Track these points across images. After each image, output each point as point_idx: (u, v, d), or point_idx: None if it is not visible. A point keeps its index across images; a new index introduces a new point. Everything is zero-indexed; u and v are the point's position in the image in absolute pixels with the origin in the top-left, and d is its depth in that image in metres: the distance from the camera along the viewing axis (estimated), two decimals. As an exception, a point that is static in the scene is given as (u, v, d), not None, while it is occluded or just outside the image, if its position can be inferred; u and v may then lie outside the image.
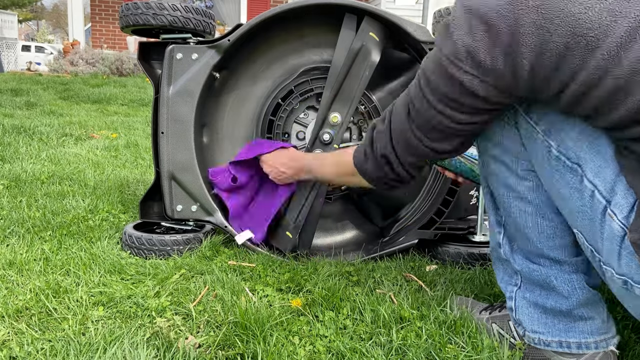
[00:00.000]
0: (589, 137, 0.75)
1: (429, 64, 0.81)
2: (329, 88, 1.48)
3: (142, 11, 1.45)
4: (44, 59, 11.14)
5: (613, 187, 0.72)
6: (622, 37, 0.63)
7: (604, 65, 0.65)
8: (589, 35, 0.64)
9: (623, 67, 0.64)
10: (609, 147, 0.74)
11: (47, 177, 2.21)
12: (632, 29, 0.63)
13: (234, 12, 10.71)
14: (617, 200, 0.72)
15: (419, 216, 1.54)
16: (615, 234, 0.72)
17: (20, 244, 1.42)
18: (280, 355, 0.92)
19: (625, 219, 0.71)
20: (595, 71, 0.66)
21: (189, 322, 1.05)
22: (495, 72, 0.72)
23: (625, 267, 0.73)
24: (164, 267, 1.33)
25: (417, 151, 0.90)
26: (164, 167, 1.52)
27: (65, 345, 0.92)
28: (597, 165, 0.74)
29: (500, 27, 0.69)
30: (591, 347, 0.88)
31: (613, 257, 0.74)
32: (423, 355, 0.93)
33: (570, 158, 0.77)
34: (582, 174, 0.76)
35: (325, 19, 1.50)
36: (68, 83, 5.97)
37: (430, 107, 0.82)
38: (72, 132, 3.39)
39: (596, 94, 0.67)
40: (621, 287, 0.75)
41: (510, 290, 0.97)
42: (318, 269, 1.33)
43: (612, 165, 0.73)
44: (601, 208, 0.74)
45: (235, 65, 1.57)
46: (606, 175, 0.73)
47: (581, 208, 0.77)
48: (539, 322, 0.92)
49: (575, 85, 0.68)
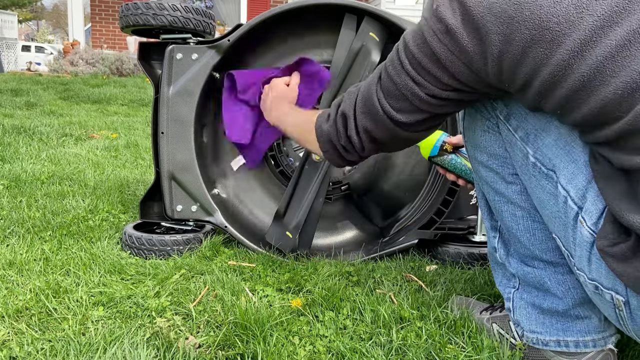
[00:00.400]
0: (564, 143, 0.77)
1: (411, 33, 0.82)
2: (329, 88, 1.48)
3: (142, 11, 1.45)
4: (44, 59, 11.14)
5: (585, 193, 0.74)
6: (587, 33, 0.63)
7: (568, 60, 0.65)
8: (555, 29, 0.65)
9: (587, 65, 0.64)
10: (583, 153, 0.75)
11: (47, 177, 2.21)
12: (598, 26, 0.63)
13: (234, 12, 10.71)
14: (588, 207, 0.73)
15: (419, 216, 1.54)
16: (585, 240, 0.74)
17: (20, 244, 1.42)
18: (280, 355, 0.92)
19: (594, 225, 0.72)
20: (559, 66, 0.66)
21: (189, 322, 1.05)
22: (468, 53, 0.73)
23: (595, 273, 0.74)
24: (164, 267, 1.33)
25: (376, 116, 0.88)
26: (164, 167, 1.52)
27: (65, 345, 0.92)
28: (570, 172, 0.76)
29: (475, 12, 0.71)
30: (589, 346, 0.88)
31: (584, 262, 0.75)
32: (423, 355, 0.93)
33: (545, 164, 0.79)
34: (557, 180, 0.77)
35: (325, 19, 1.50)
36: (68, 83, 5.97)
37: (403, 72, 0.82)
38: (72, 132, 3.39)
39: (560, 90, 0.68)
40: (593, 292, 0.77)
41: (508, 292, 0.98)
42: (318, 269, 1.33)
43: (585, 171, 0.74)
44: (573, 214, 0.75)
45: (235, 65, 1.57)
46: (579, 181, 0.75)
47: (557, 213, 0.79)
48: (536, 322, 0.93)
49: (540, 78, 0.69)
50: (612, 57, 0.62)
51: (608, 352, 0.88)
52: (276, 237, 1.50)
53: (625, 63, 0.62)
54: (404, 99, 0.84)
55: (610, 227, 0.69)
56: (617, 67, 0.63)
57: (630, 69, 0.62)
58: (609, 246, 0.69)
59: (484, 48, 0.71)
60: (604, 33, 0.63)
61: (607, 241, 0.69)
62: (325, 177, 1.51)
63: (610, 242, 0.69)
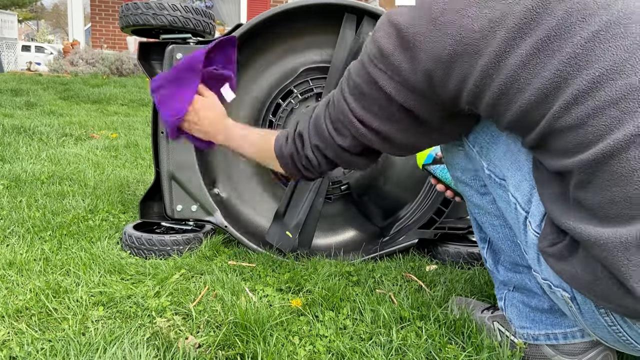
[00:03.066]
0: (511, 154, 0.83)
1: (354, 63, 0.89)
2: (329, 88, 1.48)
3: (142, 11, 1.45)
4: (44, 59, 11.15)
5: (530, 198, 0.80)
6: (501, 45, 0.69)
7: (487, 71, 0.71)
8: (474, 43, 0.71)
9: (503, 74, 0.69)
10: (527, 162, 0.81)
11: (47, 177, 2.21)
12: (509, 38, 0.68)
13: (234, 12, 10.71)
14: (532, 211, 0.79)
15: (419, 216, 1.54)
16: (532, 241, 0.79)
17: (20, 244, 1.42)
18: (280, 355, 0.92)
19: (538, 227, 0.78)
20: (481, 76, 0.71)
21: (189, 322, 1.05)
22: (401, 71, 0.79)
23: (545, 272, 0.79)
24: (164, 267, 1.33)
25: (324, 138, 0.96)
26: (164, 167, 1.52)
27: (65, 345, 0.92)
28: (517, 180, 0.82)
29: (406, 34, 0.77)
30: (577, 336, 0.89)
31: (535, 263, 0.81)
32: (423, 355, 0.93)
33: (497, 175, 0.86)
34: (507, 189, 0.84)
35: (325, 19, 1.50)
36: (68, 83, 5.97)
37: (342, 100, 0.89)
38: (72, 132, 3.39)
39: (485, 98, 0.73)
40: (549, 290, 0.81)
41: (501, 293, 1.03)
42: (318, 269, 1.33)
43: (529, 178, 0.80)
44: (522, 219, 0.81)
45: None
46: (524, 188, 0.81)
47: (513, 220, 0.85)
48: (526, 319, 0.96)
49: (467, 89, 0.74)
50: (525, 65, 0.68)
51: (608, 352, 0.89)
52: (276, 237, 1.50)
53: (537, 70, 0.67)
54: (343, 126, 0.92)
55: (549, 228, 0.74)
56: (530, 74, 0.68)
57: (541, 77, 0.67)
58: (549, 246, 0.74)
59: (415, 65, 0.77)
60: (515, 44, 0.68)
61: (547, 242, 0.74)
62: (325, 177, 1.51)
63: (550, 242, 0.73)
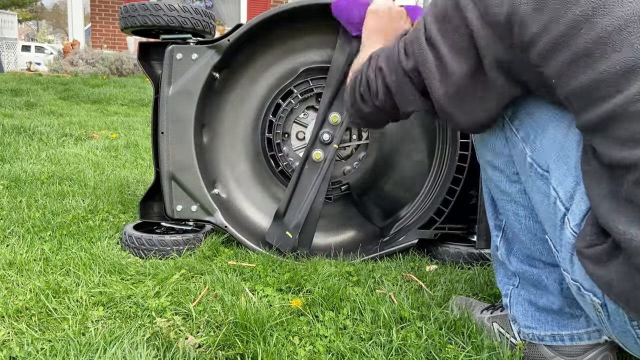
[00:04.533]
0: (559, 145, 0.78)
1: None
2: (329, 88, 1.48)
3: (139, 13, 1.46)
4: (43, 59, 11.14)
5: (573, 195, 0.75)
6: None
7: (578, 23, 0.63)
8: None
9: (594, 32, 0.62)
10: (575, 155, 0.75)
11: (47, 177, 2.21)
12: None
13: (234, 12, 10.71)
14: (573, 208, 0.74)
15: (419, 216, 1.54)
16: (568, 240, 0.75)
17: (20, 244, 1.42)
18: (280, 355, 0.92)
19: (577, 226, 0.73)
20: (568, 26, 0.64)
21: (189, 322, 1.05)
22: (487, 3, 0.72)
23: (577, 274, 0.75)
24: (163, 267, 1.33)
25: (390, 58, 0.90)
26: (164, 167, 1.52)
27: (65, 345, 0.92)
28: (562, 174, 0.77)
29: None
30: (583, 338, 0.89)
31: (567, 263, 0.77)
32: (423, 355, 0.93)
33: (541, 165, 0.81)
34: (549, 181, 0.79)
35: (325, 19, 1.50)
36: (68, 83, 5.97)
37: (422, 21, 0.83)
38: (72, 132, 3.39)
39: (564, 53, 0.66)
40: (577, 292, 0.78)
41: (506, 289, 1.00)
42: (318, 269, 1.33)
43: (575, 173, 0.75)
44: (561, 215, 0.77)
45: (235, 65, 1.57)
46: (568, 183, 0.76)
47: (548, 214, 0.80)
48: (532, 318, 0.94)
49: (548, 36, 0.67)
50: (620, 30, 0.60)
51: (608, 353, 0.88)
52: (276, 237, 1.50)
53: (632, 40, 0.59)
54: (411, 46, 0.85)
55: (590, 228, 0.70)
56: (621, 41, 0.60)
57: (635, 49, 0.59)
58: (586, 247, 0.69)
59: None
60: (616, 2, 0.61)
61: (584, 242, 0.70)
62: (325, 177, 1.51)
63: (588, 243, 0.69)
